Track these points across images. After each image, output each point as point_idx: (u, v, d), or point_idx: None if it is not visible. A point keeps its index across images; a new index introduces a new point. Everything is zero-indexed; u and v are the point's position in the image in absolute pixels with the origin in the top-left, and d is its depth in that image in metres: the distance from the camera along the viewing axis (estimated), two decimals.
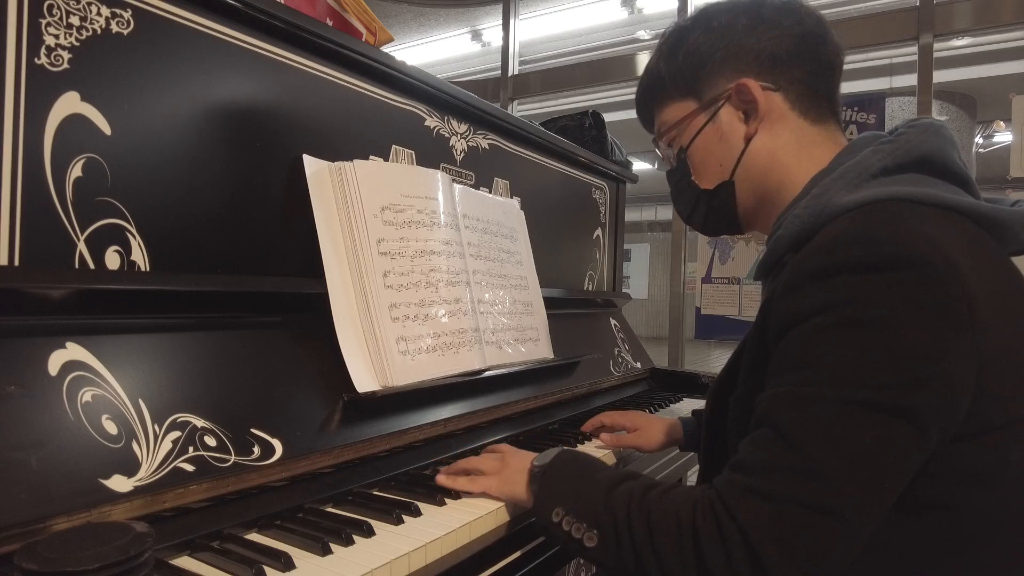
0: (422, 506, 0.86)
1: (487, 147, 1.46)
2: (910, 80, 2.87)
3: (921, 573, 0.67)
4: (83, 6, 0.75)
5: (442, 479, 0.93)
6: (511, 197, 1.54)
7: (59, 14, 0.73)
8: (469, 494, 0.91)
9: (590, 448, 1.25)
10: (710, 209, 0.93)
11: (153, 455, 0.70)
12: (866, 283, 0.63)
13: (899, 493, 0.63)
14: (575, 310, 1.75)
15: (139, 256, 0.81)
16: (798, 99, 0.85)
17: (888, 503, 0.63)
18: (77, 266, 0.75)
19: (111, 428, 0.68)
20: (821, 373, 0.63)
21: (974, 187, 0.77)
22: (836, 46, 0.86)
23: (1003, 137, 6.98)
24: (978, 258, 0.67)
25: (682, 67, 0.89)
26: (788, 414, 0.64)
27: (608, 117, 2.08)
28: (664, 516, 0.68)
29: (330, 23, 1.50)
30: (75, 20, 0.74)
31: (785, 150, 0.85)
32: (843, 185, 0.75)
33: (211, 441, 0.76)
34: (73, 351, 0.69)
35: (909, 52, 3.00)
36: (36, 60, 0.71)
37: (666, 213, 12.12)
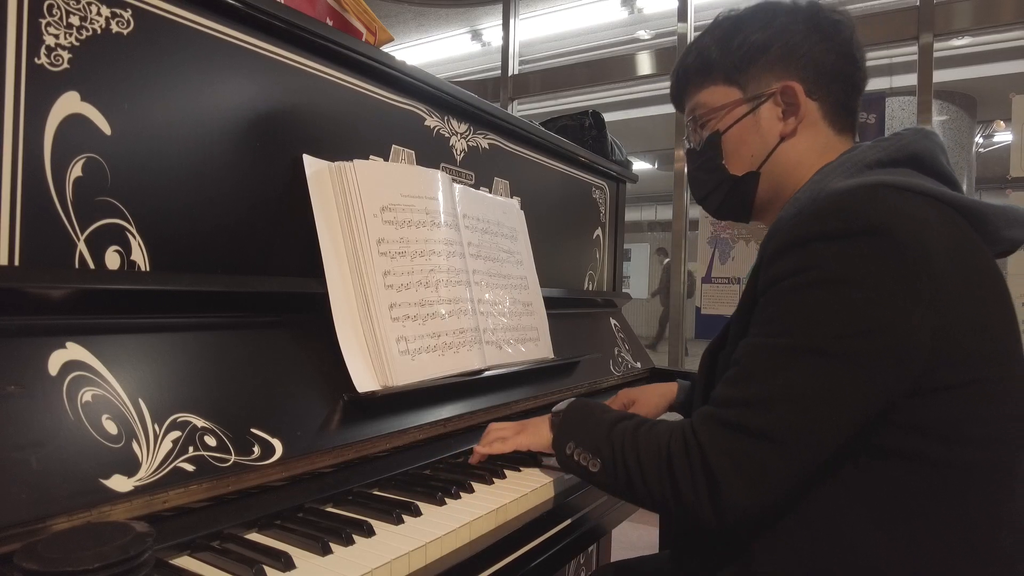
0: (422, 506, 0.86)
1: (487, 147, 1.46)
2: (910, 80, 2.87)
3: (885, 518, 0.72)
4: (83, 6, 0.75)
5: (479, 448, 1.03)
6: (511, 197, 1.54)
7: (59, 14, 0.73)
8: (494, 476, 1.00)
9: None
10: (729, 194, 0.99)
11: (153, 455, 0.70)
12: (836, 248, 0.71)
13: (849, 431, 0.71)
14: (575, 310, 1.75)
15: (139, 256, 0.81)
16: (830, 110, 0.92)
17: (831, 438, 0.71)
18: (77, 266, 0.75)
19: (111, 428, 0.68)
20: (787, 325, 0.73)
21: (959, 188, 0.85)
22: (866, 72, 0.94)
23: (1003, 137, 6.98)
24: (957, 240, 0.74)
25: (735, 55, 0.93)
26: (753, 358, 0.75)
27: (608, 117, 2.08)
28: (648, 443, 0.81)
29: (330, 23, 1.50)
30: (75, 20, 0.74)
31: (810, 154, 0.92)
32: (840, 173, 0.83)
33: (211, 441, 0.76)
34: (73, 351, 0.69)
35: (909, 52, 3.00)
36: (36, 60, 0.71)
37: (666, 213, 12.11)
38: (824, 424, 0.71)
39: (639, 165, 9.22)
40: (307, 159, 1.00)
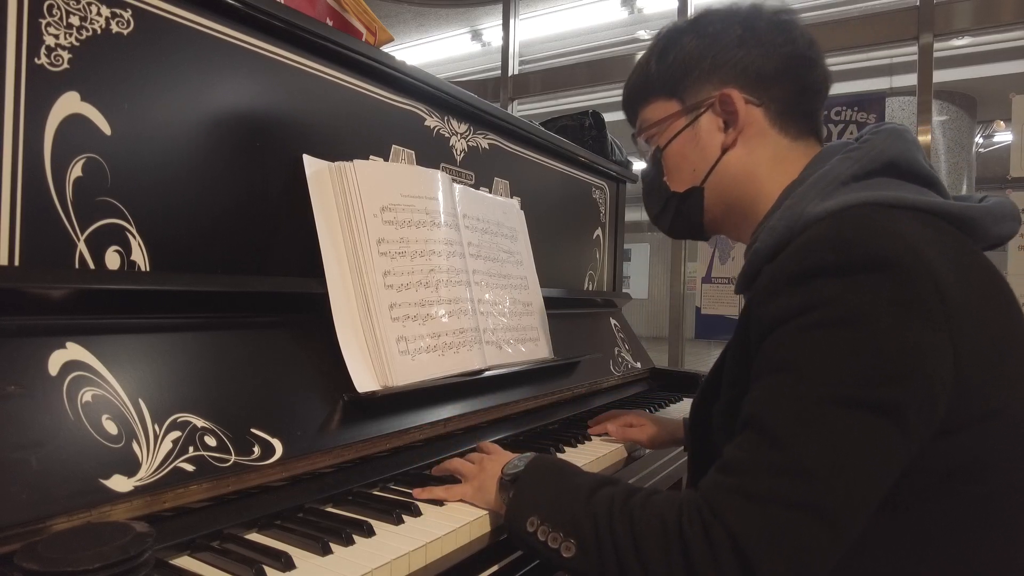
0: (422, 506, 0.86)
1: (487, 147, 1.46)
2: (910, 80, 2.87)
3: (907, 567, 0.68)
4: (83, 6, 0.75)
5: (416, 492, 0.90)
6: (511, 197, 1.54)
7: (59, 14, 0.73)
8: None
9: (595, 445, 1.25)
10: (677, 212, 0.94)
11: (153, 455, 0.70)
12: (840, 284, 0.64)
13: (887, 488, 0.64)
14: (575, 310, 1.75)
15: (139, 256, 0.81)
16: (778, 116, 0.86)
17: (873, 499, 0.63)
18: (77, 266, 0.75)
19: (111, 428, 0.68)
20: (802, 372, 0.64)
21: (942, 187, 0.79)
22: (825, 71, 0.87)
23: (1003, 137, 6.98)
24: (951, 255, 0.69)
25: (671, 68, 0.89)
26: (771, 414, 0.65)
27: (608, 117, 2.08)
28: (648, 520, 0.67)
29: (330, 23, 1.50)
30: (75, 20, 0.74)
31: (760, 164, 0.86)
32: (815, 194, 0.76)
33: (211, 441, 0.76)
34: (73, 351, 0.69)
35: (909, 52, 3.00)
36: (36, 60, 0.71)
37: None
38: (872, 483, 0.62)
39: (639, 165, 9.19)
40: (307, 159, 1.00)
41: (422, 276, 1.08)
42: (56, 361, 0.68)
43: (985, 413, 0.65)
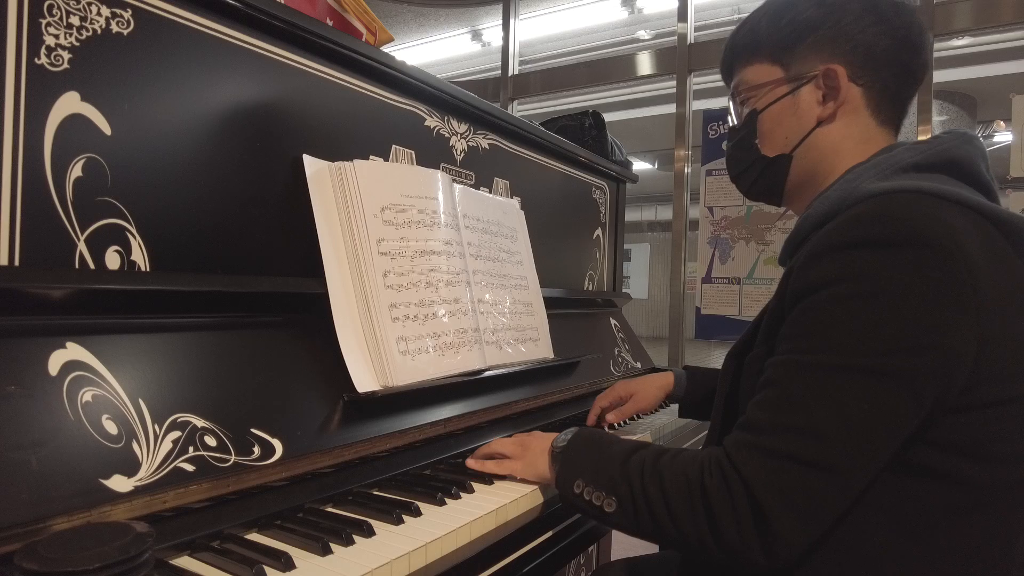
0: (422, 506, 0.86)
1: (487, 147, 1.46)
2: None
3: (910, 535, 0.70)
4: (83, 6, 0.75)
5: (471, 462, 1.01)
6: (511, 197, 1.54)
7: (59, 14, 0.73)
8: (495, 476, 0.99)
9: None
10: (762, 175, 0.96)
11: (153, 455, 0.70)
12: (879, 258, 0.68)
13: (894, 455, 0.68)
14: (575, 310, 1.75)
15: (139, 256, 0.81)
16: (876, 98, 0.87)
17: (880, 462, 0.68)
18: (77, 266, 0.75)
19: (111, 428, 0.68)
20: (827, 341, 0.69)
21: (996, 197, 0.81)
22: (926, 61, 0.88)
23: (1003, 137, 6.98)
24: (991, 251, 0.71)
25: (783, 31, 0.89)
26: (793, 378, 0.70)
27: (608, 117, 2.08)
28: (675, 477, 0.74)
29: (330, 23, 1.50)
30: (75, 20, 0.74)
31: (847, 142, 0.88)
32: (874, 174, 0.80)
33: (211, 441, 0.76)
34: (73, 351, 0.69)
35: None
36: (36, 60, 0.71)
37: (666, 213, 12.11)
38: (878, 448, 0.67)
39: (639, 165, 9.21)
40: (307, 159, 1.00)
41: (422, 276, 1.08)
42: (56, 361, 0.68)
43: (996, 399, 0.68)
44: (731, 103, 0.99)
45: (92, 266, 0.76)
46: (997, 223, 0.74)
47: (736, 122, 0.98)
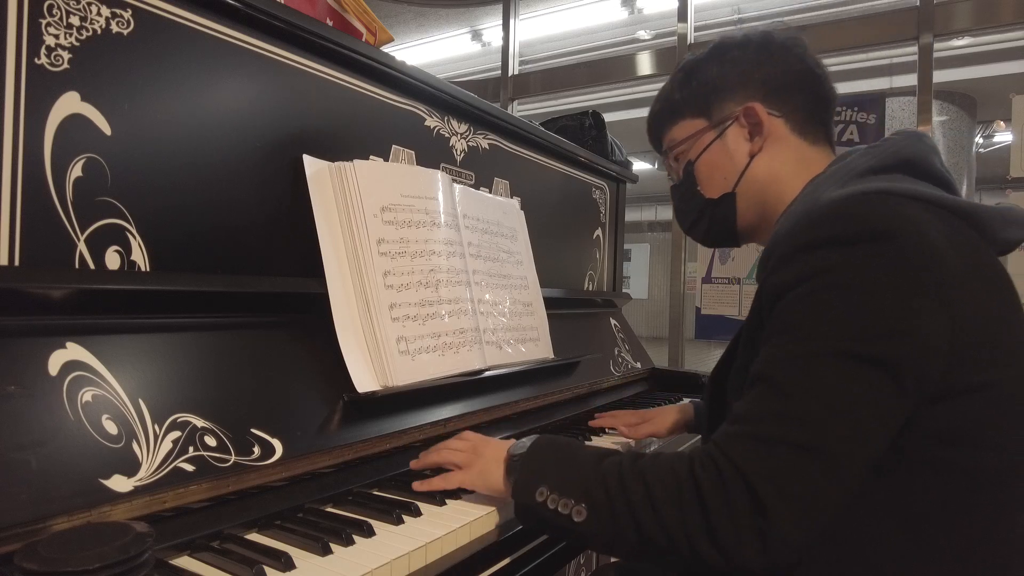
0: (422, 506, 0.86)
1: (487, 147, 1.46)
2: (910, 80, 2.87)
3: (906, 527, 0.71)
4: (83, 6, 0.75)
5: (416, 485, 0.91)
6: (511, 197, 1.54)
7: (59, 14, 0.73)
8: (447, 492, 0.90)
9: (602, 442, 1.25)
10: (712, 219, 1.02)
11: (153, 455, 0.70)
12: (843, 254, 0.70)
13: (885, 442, 0.68)
14: (575, 310, 1.75)
15: (139, 256, 0.81)
16: (797, 124, 0.95)
17: (873, 448, 0.68)
18: (77, 266, 0.75)
19: (111, 428, 0.68)
20: (806, 331, 0.70)
21: (955, 189, 0.84)
22: (832, 87, 0.97)
23: (1003, 137, 6.98)
24: (957, 241, 0.73)
25: (696, 92, 0.99)
26: (778, 369, 0.70)
27: (608, 117, 2.08)
28: (660, 474, 0.71)
29: (330, 23, 1.50)
30: (75, 20, 0.74)
31: (785, 167, 0.94)
32: (833, 183, 0.83)
33: (211, 441, 0.76)
34: (73, 351, 0.69)
35: (909, 52, 3.00)
36: (36, 60, 0.71)
37: (666, 213, 12.11)
38: (867, 433, 0.67)
39: (639, 165, 9.22)
40: (307, 159, 1.00)
41: (422, 276, 1.08)
42: (56, 361, 0.68)
43: (979, 384, 0.69)
44: (668, 165, 1.07)
45: (92, 266, 0.76)
46: (961, 215, 0.76)
47: (676, 179, 1.06)
